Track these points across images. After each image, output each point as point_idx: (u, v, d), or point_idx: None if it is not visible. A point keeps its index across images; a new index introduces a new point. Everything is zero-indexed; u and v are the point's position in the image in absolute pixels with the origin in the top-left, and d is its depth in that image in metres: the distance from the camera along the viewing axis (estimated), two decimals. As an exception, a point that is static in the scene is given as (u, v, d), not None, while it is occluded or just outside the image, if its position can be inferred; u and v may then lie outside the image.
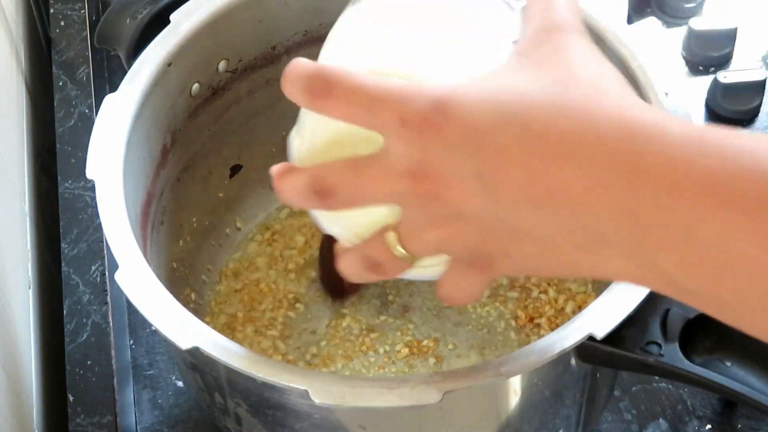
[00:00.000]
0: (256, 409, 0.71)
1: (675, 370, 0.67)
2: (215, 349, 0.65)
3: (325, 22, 0.67)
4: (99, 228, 0.94)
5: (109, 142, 0.74)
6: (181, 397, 0.89)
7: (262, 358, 0.65)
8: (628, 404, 0.87)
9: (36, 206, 1.03)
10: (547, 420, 0.75)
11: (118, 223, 0.71)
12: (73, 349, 0.89)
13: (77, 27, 1.11)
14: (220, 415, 0.76)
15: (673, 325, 0.68)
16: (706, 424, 0.86)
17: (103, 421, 0.85)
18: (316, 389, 0.63)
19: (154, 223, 0.81)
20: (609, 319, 0.66)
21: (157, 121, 0.80)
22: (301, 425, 0.70)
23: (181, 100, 0.83)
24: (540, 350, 0.65)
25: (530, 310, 0.89)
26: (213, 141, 0.88)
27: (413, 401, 0.63)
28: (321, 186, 0.56)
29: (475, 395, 0.68)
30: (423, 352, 0.87)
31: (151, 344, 0.92)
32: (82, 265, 0.94)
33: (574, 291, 0.89)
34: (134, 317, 0.93)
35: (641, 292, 0.66)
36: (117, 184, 0.72)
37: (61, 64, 1.08)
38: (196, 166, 0.87)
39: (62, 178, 0.99)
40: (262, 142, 0.92)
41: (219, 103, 0.87)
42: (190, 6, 0.81)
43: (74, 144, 1.01)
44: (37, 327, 0.95)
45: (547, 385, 0.71)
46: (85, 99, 1.05)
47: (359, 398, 0.63)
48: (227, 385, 0.71)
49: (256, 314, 0.90)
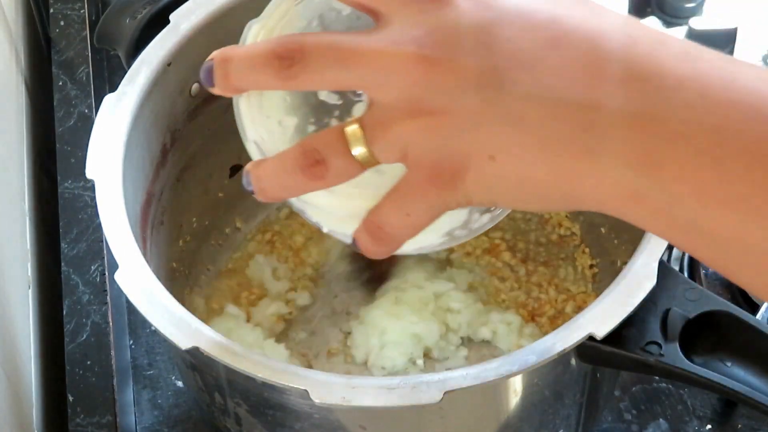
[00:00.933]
0: (256, 409, 0.71)
1: (675, 370, 0.67)
2: (215, 349, 0.65)
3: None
4: (99, 228, 0.94)
5: (108, 142, 0.74)
6: (181, 397, 0.89)
7: (261, 358, 0.65)
8: (628, 404, 0.87)
9: (36, 206, 1.03)
10: (548, 420, 0.75)
11: (118, 223, 0.71)
12: (72, 349, 0.89)
13: (77, 27, 1.11)
14: (219, 415, 0.76)
15: (674, 325, 0.67)
16: (706, 424, 0.86)
17: (103, 421, 0.85)
18: (316, 389, 0.63)
19: (154, 223, 0.81)
20: (609, 319, 0.66)
21: (156, 121, 0.80)
22: (301, 425, 0.70)
23: (180, 100, 0.83)
24: (540, 350, 0.65)
25: (530, 309, 0.89)
26: (213, 141, 0.88)
27: (413, 401, 0.63)
28: (285, 49, 0.51)
29: (475, 395, 0.68)
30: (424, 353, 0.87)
31: (151, 344, 0.92)
32: (82, 265, 0.94)
33: (574, 292, 0.90)
34: (134, 317, 0.93)
35: (641, 292, 0.66)
36: (116, 183, 0.72)
37: (61, 63, 1.08)
38: (195, 166, 0.87)
39: (62, 178, 0.99)
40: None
41: (219, 103, 0.86)
42: (189, 6, 0.81)
43: (74, 144, 1.01)
44: (36, 327, 0.95)
45: (547, 385, 0.71)
46: (84, 99, 1.05)
47: (359, 398, 0.63)
48: (227, 385, 0.71)
49: (256, 314, 0.90)
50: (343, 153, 0.51)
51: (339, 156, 0.51)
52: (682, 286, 0.69)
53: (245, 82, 0.54)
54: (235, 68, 0.53)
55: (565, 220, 0.93)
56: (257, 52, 0.52)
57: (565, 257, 0.92)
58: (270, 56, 0.51)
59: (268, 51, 0.51)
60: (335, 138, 0.51)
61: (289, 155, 0.53)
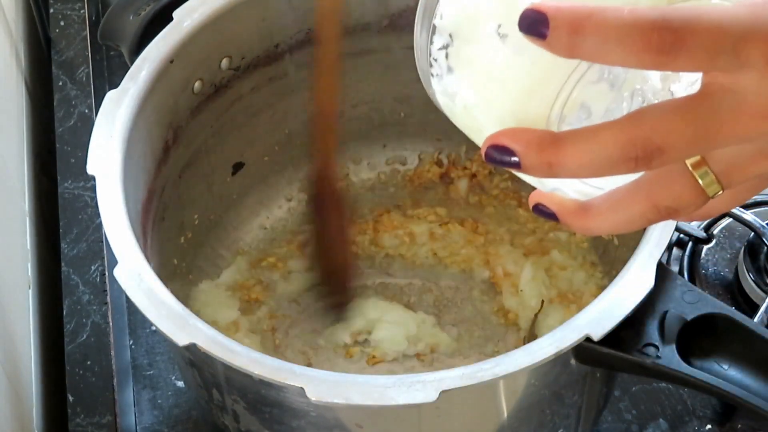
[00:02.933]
0: (254, 407, 0.71)
1: (672, 373, 0.66)
2: (213, 346, 0.65)
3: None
4: (99, 228, 0.94)
5: (110, 138, 0.74)
6: (181, 397, 0.89)
7: (259, 356, 0.65)
8: (628, 404, 0.87)
9: (36, 206, 1.03)
10: (547, 420, 0.75)
11: (118, 219, 0.71)
12: (72, 349, 0.89)
13: (77, 27, 1.11)
14: (218, 412, 0.76)
15: (671, 327, 0.67)
16: (706, 424, 0.85)
17: (103, 421, 0.85)
18: (313, 387, 0.63)
19: (155, 220, 0.81)
20: (606, 320, 0.65)
21: (159, 118, 0.80)
22: (298, 423, 0.70)
23: (183, 97, 0.83)
24: (537, 351, 0.65)
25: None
26: (215, 138, 0.88)
27: (410, 400, 0.63)
28: (645, 145, 0.43)
29: (472, 395, 0.68)
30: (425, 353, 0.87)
31: (151, 344, 0.92)
32: (82, 265, 0.94)
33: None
34: (134, 317, 0.93)
35: (640, 294, 0.66)
36: (117, 180, 0.72)
37: (61, 63, 1.08)
38: (197, 163, 0.87)
39: (62, 178, 0.99)
40: (264, 139, 0.92)
41: (221, 100, 0.87)
42: (192, 3, 0.81)
43: (74, 144, 1.01)
44: (36, 327, 0.95)
45: (545, 386, 0.71)
46: (84, 99, 1.05)
47: (355, 396, 0.63)
48: (225, 383, 0.71)
49: (256, 312, 0.90)
50: (698, 195, 0.46)
51: (694, 199, 0.47)
52: (680, 289, 0.69)
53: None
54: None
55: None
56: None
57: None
58: (625, 156, 0.44)
59: (622, 148, 0.44)
60: (684, 180, 0.46)
61: (641, 205, 0.46)
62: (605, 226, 0.48)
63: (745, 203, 0.94)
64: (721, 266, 0.93)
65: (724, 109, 0.43)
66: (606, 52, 0.42)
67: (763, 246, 0.89)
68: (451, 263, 0.93)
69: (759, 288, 0.88)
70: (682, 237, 0.94)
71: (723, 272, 0.92)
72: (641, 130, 0.43)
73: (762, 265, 0.89)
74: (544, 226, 0.94)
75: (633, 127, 0.43)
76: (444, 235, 0.94)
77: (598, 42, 0.42)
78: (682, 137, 0.43)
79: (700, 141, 0.43)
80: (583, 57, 0.43)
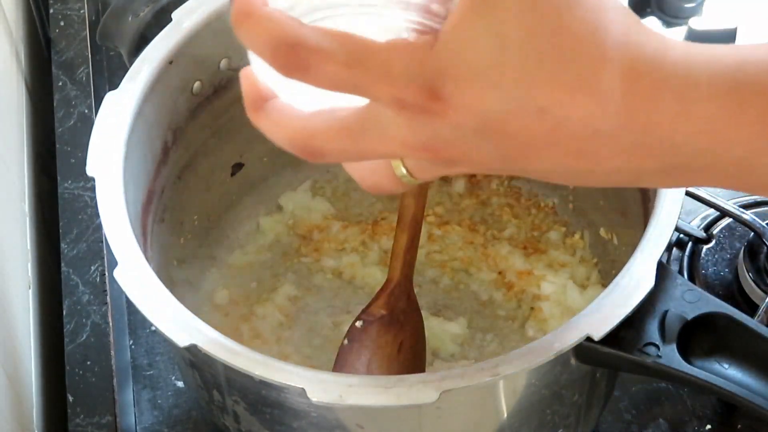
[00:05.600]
0: (254, 407, 0.71)
1: (672, 372, 0.66)
2: (213, 347, 0.65)
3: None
4: (99, 228, 0.94)
5: (109, 140, 0.74)
6: (181, 397, 0.89)
7: (259, 356, 0.65)
8: (628, 404, 0.87)
9: (36, 206, 1.03)
10: (546, 420, 0.75)
11: (118, 220, 0.71)
12: (72, 349, 0.89)
13: (77, 27, 1.11)
14: (218, 413, 0.76)
15: (671, 327, 0.67)
16: (706, 424, 0.85)
17: (103, 421, 0.85)
18: (313, 388, 0.63)
19: (155, 221, 0.81)
20: (607, 319, 0.66)
21: (158, 119, 0.80)
22: (298, 423, 0.70)
23: (182, 98, 0.83)
24: (537, 350, 0.65)
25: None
26: (214, 139, 0.88)
27: (410, 400, 0.63)
28: (307, 144, 0.53)
29: (472, 395, 0.68)
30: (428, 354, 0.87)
31: (151, 344, 0.92)
32: (82, 265, 0.94)
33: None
34: (134, 317, 0.93)
35: (640, 294, 0.66)
36: (117, 181, 0.72)
37: (61, 64, 1.08)
38: (197, 164, 0.87)
39: (62, 178, 0.99)
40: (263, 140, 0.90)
41: (220, 101, 0.87)
42: (192, 4, 0.81)
43: (74, 144, 1.01)
44: (36, 327, 0.95)
45: (546, 386, 0.71)
46: (84, 99, 1.05)
47: (356, 397, 0.63)
48: (225, 383, 0.71)
49: (256, 312, 0.90)
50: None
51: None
52: (681, 288, 0.69)
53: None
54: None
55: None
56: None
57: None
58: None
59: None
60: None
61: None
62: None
63: (745, 203, 0.94)
64: (721, 266, 0.93)
65: (375, 133, 0.49)
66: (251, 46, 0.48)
67: (763, 246, 0.89)
68: (450, 263, 0.93)
69: (759, 288, 0.88)
70: (682, 237, 0.94)
71: (723, 272, 0.92)
72: (307, 131, 0.53)
73: (762, 265, 0.89)
74: (543, 225, 0.94)
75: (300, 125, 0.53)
76: (442, 236, 0.94)
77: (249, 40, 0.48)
78: (338, 149, 0.51)
79: (352, 156, 0.51)
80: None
